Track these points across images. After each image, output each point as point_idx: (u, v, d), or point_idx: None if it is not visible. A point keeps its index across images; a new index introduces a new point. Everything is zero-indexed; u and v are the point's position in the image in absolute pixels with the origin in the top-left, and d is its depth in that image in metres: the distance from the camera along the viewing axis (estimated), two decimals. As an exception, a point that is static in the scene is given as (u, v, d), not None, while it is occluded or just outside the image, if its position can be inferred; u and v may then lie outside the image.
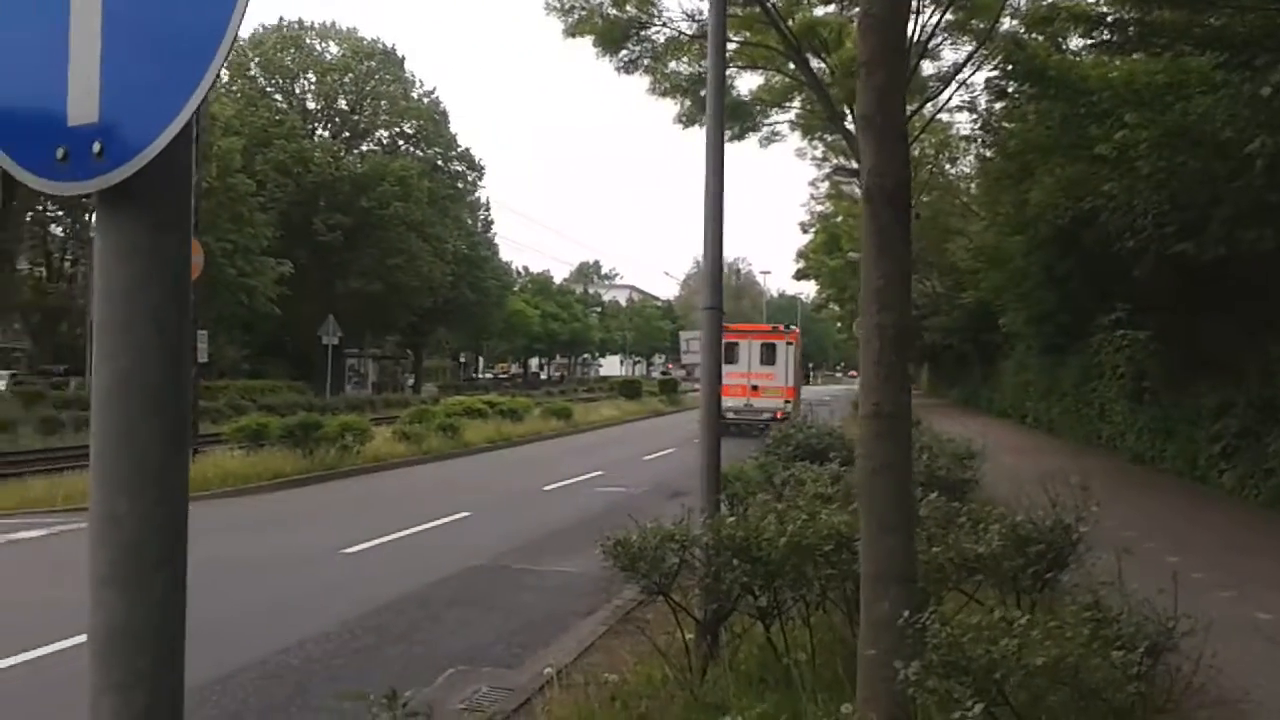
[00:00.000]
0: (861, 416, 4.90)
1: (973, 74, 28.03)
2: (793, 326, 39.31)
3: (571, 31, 26.65)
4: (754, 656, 6.12)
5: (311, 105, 57.72)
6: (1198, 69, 14.36)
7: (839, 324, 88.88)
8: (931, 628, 4.13)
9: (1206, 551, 11.27)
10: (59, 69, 1.68)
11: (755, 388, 32.26)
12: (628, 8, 26.07)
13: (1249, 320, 16.67)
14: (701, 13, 25.97)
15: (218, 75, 1.64)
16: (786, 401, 32.04)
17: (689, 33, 26.75)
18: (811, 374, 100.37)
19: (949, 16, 26.87)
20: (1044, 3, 21.55)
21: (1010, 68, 17.74)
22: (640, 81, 29.20)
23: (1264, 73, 11.31)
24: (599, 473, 21.23)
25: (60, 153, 1.67)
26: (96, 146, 1.63)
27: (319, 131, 57.19)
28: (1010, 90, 19.00)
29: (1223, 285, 16.93)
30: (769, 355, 33.10)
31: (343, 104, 57.98)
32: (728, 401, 27.51)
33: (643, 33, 26.68)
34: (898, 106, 5.09)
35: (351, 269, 51.74)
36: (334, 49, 57.50)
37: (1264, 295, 16.23)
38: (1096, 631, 4.15)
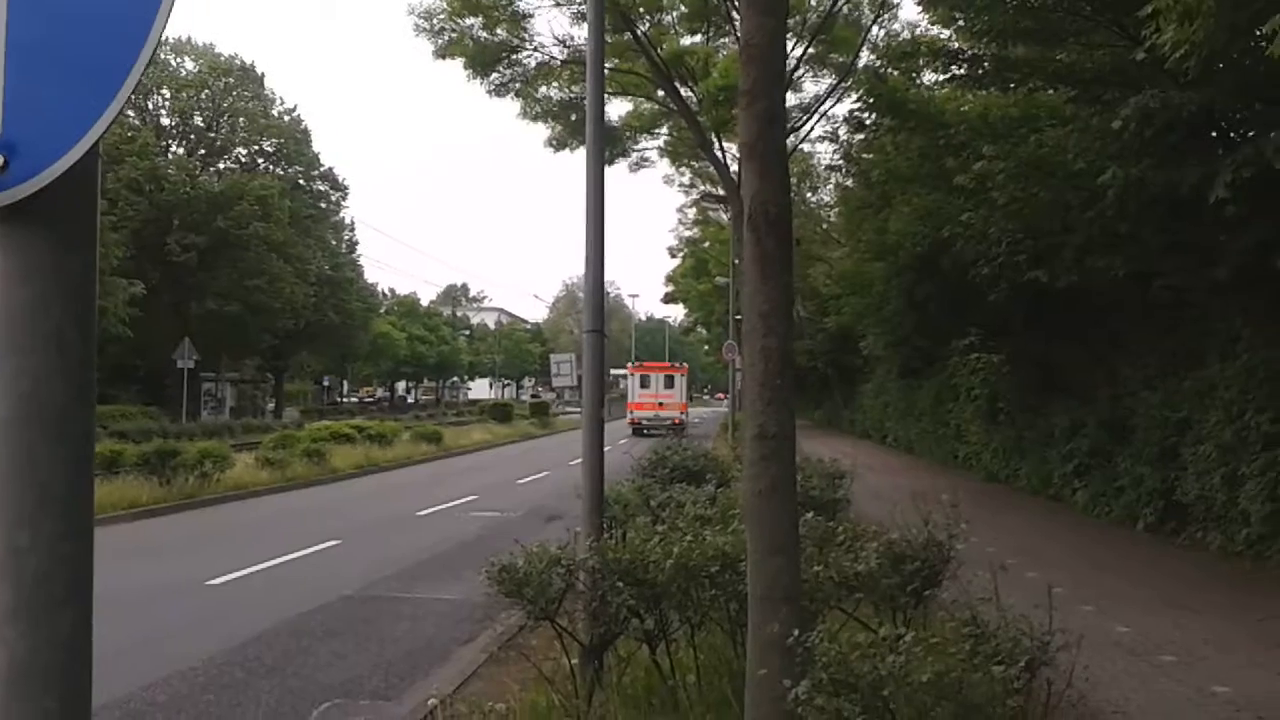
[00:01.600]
0: (748, 438, 4.92)
1: (833, 106, 28.99)
2: (684, 364, 57.80)
3: (442, 53, 26.57)
4: (640, 680, 6.11)
5: (166, 121, 55.69)
6: (1049, 103, 15.06)
7: (706, 347, 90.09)
8: (820, 646, 4.19)
9: (1064, 567, 11.66)
10: (-44, 81, 1.59)
11: (661, 404, 49.18)
12: (499, 31, 26.12)
13: (1098, 344, 17.35)
14: (573, 38, 26.23)
15: (134, 90, 1.57)
16: (682, 413, 49.46)
17: (560, 58, 26.94)
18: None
19: (811, 50, 27.75)
20: (902, 38, 22.32)
21: (871, 100, 18.23)
22: (512, 105, 29.33)
23: (1114, 106, 11.83)
24: (473, 497, 21.00)
25: (-44, 168, 1.58)
26: (-1, 161, 1.55)
27: (173, 148, 55.22)
28: (870, 122, 19.51)
29: (1073, 311, 17.65)
30: (670, 383, 50.84)
31: (199, 121, 56.10)
32: (643, 413, 48.62)
33: (514, 56, 26.75)
34: (779, 135, 5.15)
35: (208, 290, 49.93)
36: (190, 64, 55.63)
37: (1113, 321, 17.02)
38: (976, 647, 4.29)
